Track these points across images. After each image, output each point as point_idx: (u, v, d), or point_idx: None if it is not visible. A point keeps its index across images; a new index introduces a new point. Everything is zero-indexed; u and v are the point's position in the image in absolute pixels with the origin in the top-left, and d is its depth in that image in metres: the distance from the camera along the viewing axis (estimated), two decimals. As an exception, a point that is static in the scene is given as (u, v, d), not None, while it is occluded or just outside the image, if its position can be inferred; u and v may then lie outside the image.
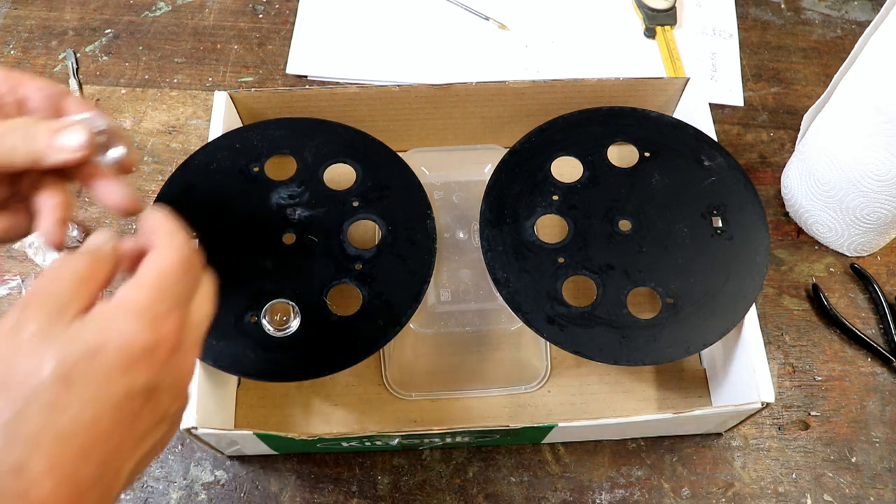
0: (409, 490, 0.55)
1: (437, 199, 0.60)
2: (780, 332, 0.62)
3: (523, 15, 0.80)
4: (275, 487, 0.54)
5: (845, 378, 0.60)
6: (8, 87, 0.40)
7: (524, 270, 0.52)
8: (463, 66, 0.76)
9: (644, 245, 0.53)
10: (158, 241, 0.35)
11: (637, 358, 0.49)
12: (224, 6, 0.80)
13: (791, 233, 0.67)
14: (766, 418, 0.58)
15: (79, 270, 0.33)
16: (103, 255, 0.34)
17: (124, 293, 0.32)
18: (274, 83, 0.75)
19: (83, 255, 0.34)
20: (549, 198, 0.55)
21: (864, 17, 0.81)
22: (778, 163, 0.70)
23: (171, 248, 0.35)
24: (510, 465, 0.56)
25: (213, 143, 0.55)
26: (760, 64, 0.77)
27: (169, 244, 0.35)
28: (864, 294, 0.64)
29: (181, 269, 0.34)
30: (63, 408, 0.29)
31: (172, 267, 0.34)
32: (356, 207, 0.54)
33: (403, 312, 0.50)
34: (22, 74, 0.41)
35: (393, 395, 0.58)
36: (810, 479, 0.56)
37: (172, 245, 0.35)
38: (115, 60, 0.76)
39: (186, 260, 0.35)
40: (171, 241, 0.35)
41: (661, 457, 0.56)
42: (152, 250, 0.35)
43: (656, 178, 0.56)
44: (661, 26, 0.78)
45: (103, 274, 0.34)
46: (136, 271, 0.34)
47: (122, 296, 0.32)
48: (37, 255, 0.62)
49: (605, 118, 0.58)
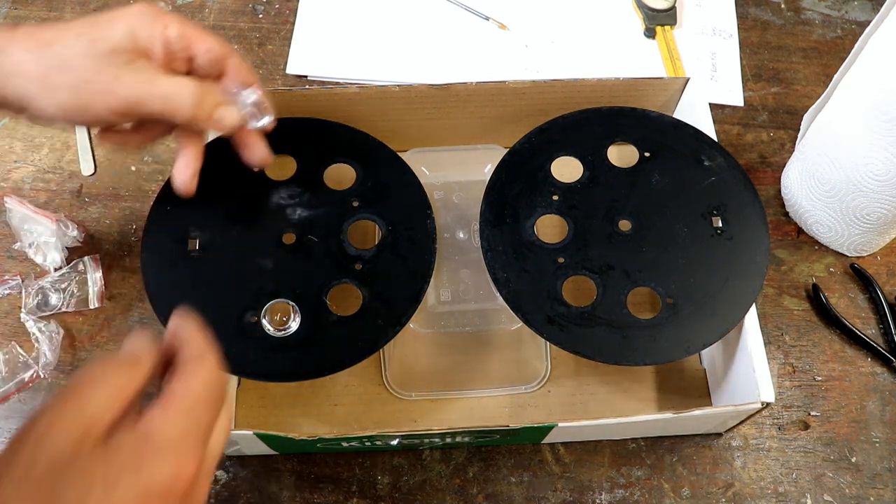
0: (409, 490, 0.55)
1: (437, 199, 0.60)
2: (780, 332, 0.62)
3: (523, 15, 0.80)
4: (275, 487, 0.54)
5: (845, 378, 0.60)
6: (182, 45, 0.47)
7: (524, 270, 0.52)
8: (463, 66, 0.76)
9: (644, 245, 0.53)
10: (189, 364, 0.34)
11: (637, 358, 0.49)
12: (224, 6, 0.80)
13: (791, 233, 0.67)
14: (766, 418, 0.58)
15: (116, 384, 0.32)
16: (141, 367, 0.34)
17: (153, 423, 0.32)
18: (274, 83, 0.75)
19: (122, 366, 0.33)
20: (549, 198, 0.55)
21: (864, 17, 0.81)
22: (778, 163, 0.70)
23: (201, 375, 0.34)
24: (510, 465, 0.56)
25: (214, 143, 0.55)
26: (760, 64, 0.77)
27: (199, 370, 0.34)
28: (864, 294, 0.64)
29: (209, 399, 0.34)
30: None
31: (201, 396, 0.33)
32: (356, 207, 0.54)
33: (403, 312, 0.50)
34: (195, 32, 0.47)
35: (393, 395, 0.58)
36: (810, 479, 0.56)
37: (202, 371, 0.34)
38: (115, 60, 0.76)
39: (215, 388, 0.34)
40: (202, 367, 0.34)
41: (661, 457, 0.56)
42: (183, 372, 0.34)
43: (656, 178, 0.56)
44: (661, 26, 0.78)
45: (138, 385, 0.33)
46: (163, 385, 0.34)
47: (151, 426, 0.32)
48: (37, 255, 0.62)
49: (605, 118, 0.58)
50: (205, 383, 0.34)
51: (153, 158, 0.69)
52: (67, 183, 0.68)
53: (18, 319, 0.60)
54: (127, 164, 0.69)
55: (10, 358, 0.58)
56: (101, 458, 0.30)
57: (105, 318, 0.61)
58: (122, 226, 0.66)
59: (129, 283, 0.62)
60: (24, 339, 0.60)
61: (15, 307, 0.61)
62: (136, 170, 0.69)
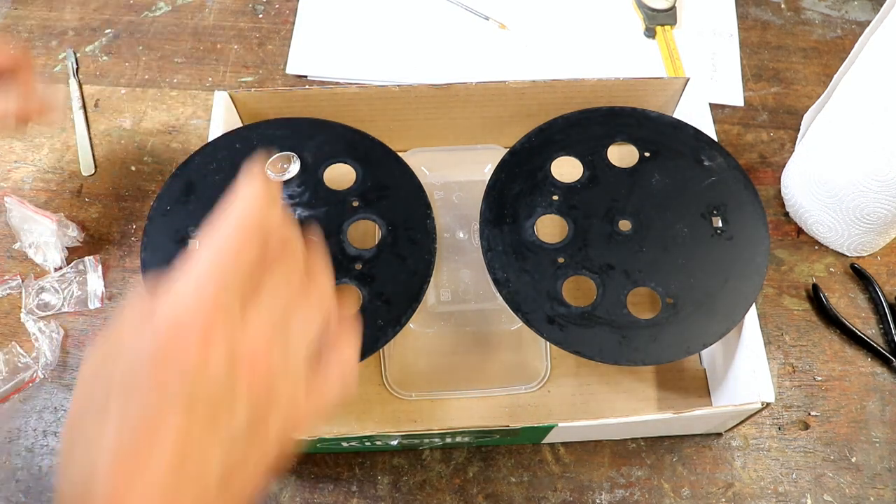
0: (409, 490, 0.55)
1: (437, 199, 0.60)
2: (780, 332, 0.62)
3: (523, 15, 0.80)
4: (275, 487, 0.54)
5: (845, 378, 0.60)
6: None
7: (524, 270, 0.52)
8: (463, 66, 0.76)
9: (644, 245, 0.53)
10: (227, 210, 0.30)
11: (637, 358, 0.49)
12: (224, 6, 0.80)
13: (791, 233, 0.67)
14: (766, 418, 0.58)
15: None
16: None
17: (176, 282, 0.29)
18: (274, 83, 0.75)
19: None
20: (549, 198, 0.55)
21: (864, 17, 0.81)
22: (778, 163, 0.70)
23: (226, 215, 0.30)
24: (510, 465, 0.56)
25: (213, 143, 0.55)
26: (760, 64, 0.77)
27: (229, 208, 0.31)
28: (864, 294, 0.64)
29: (230, 239, 0.30)
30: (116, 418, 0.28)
31: (222, 236, 0.30)
32: (356, 207, 0.54)
33: (403, 312, 0.50)
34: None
35: (393, 395, 0.58)
36: (810, 479, 0.56)
37: (229, 211, 0.30)
38: (114, 60, 0.76)
39: (235, 230, 0.30)
40: (231, 206, 0.31)
41: (661, 457, 0.56)
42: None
43: (656, 178, 0.56)
44: (661, 26, 0.78)
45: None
46: None
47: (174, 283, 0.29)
48: (37, 255, 0.62)
49: (605, 118, 0.58)
50: (225, 225, 0.30)
51: (153, 158, 0.69)
52: (67, 183, 0.68)
53: (18, 319, 0.60)
54: (127, 164, 0.69)
55: (10, 358, 0.58)
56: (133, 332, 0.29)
57: (105, 318, 0.61)
58: (122, 226, 0.66)
59: (129, 283, 0.62)
60: (24, 339, 0.60)
61: (15, 307, 0.61)
62: (136, 170, 0.69)
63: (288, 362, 0.32)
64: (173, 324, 0.29)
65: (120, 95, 0.73)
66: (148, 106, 0.73)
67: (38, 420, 0.57)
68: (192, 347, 0.28)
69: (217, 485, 0.29)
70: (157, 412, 0.28)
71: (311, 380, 0.33)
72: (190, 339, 0.28)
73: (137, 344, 0.29)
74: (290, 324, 0.32)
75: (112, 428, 0.28)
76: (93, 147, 0.70)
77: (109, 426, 0.28)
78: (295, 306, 0.32)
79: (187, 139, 0.71)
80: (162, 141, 0.71)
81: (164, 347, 0.28)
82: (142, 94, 0.73)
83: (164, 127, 0.71)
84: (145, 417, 0.28)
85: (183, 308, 0.29)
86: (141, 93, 0.73)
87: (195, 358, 0.28)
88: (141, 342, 0.29)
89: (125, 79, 0.74)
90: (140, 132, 0.71)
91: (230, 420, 0.29)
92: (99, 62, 0.76)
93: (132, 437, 0.27)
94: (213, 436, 0.29)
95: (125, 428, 0.28)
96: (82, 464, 0.28)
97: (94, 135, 0.71)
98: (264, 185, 0.32)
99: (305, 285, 0.33)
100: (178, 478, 0.28)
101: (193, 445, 0.28)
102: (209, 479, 0.29)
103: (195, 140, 0.70)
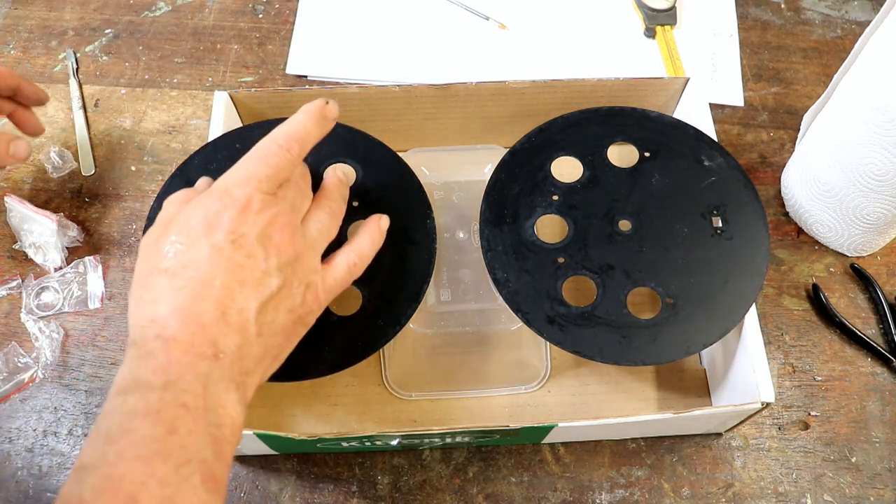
0: (409, 490, 0.55)
1: (437, 199, 0.60)
2: (780, 332, 0.62)
3: (523, 15, 0.80)
4: (275, 487, 0.54)
5: (845, 378, 0.60)
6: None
7: (524, 270, 0.52)
8: (463, 66, 0.76)
9: (644, 245, 0.53)
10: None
11: (637, 358, 0.49)
12: (224, 6, 0.80)
13: (791, 233, 0.67)
14: (766, 418, 0.58)
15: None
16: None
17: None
18: (274, 83, 0.75)
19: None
20: (549, 198, 0.55)
21: (864, 17, 0.81)
22: (778, 163, 0.70)
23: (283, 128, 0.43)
24: (510, 465, 0.56)
25: (213, 143, 0.55)
26: (760, 64, 0.77)
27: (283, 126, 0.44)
28: (864, 294, 0.64)
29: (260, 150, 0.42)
30: (174, 270, 0.38)
31: (254, 151, 0.42)
32: (356, 207, 0.54)
33: (403, 312, 0.50)
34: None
35: (393, 395, 0.58)
36: (810, 479, 0.56)
37: (285, 125, 0.44)
38: (114, 60, 0.76)
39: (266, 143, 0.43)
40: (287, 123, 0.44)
41: (661, 457, 0.56)
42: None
43: (656, 178, 0.56)
44: (661, 26, 0.78)
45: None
46: None
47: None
48: (37, 255, 0.62)
49: (605, 118, 0.58)
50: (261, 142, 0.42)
51: (153, 158, 0.69)
52: (67, 183, 0.68)
53: (18, 319, 0.60)
54: (127, 164, 0.69)
55: (10, 358, 0.58)
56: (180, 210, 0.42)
57: (105, 318, 0.61)
58: (122, 226, 0.66)
59: (129, 283, 0.62)
60: (24, 339, 0.60)
61: (15, 307, 0.61)
62: (136, 170, 0.69)
63: (307, 242, 0.43)
64: (223, 192, 0.40)
65: (120, 95, 0.73)
66: (148, 106, 0.73)
67: (38, 420, 0.57)
68: (235, 210, 0.39)
69: (256, 332, 0.39)
70: (205, 273, 0.38)
71: (325, 263, 0.44)
72: (235, 205, 0.39)
73: (189, 212, 0.40)
74: (308, 221, 0.44)
75: (172, 284, 0.38)
76: (93, 147, 0.70)
77: (170, 283, 0.38)
78: (312, 210, 0.45)
79: (187, 139, 0.71)
80: (162, 141, 0.71)
81: (213, 210, 0.39)
82: (142, 94, 0.73)
83: (163, 127, 0.71)
84: (195, 277, 0.38)
85: (234, 182, 0.40)
86: (141, 93, 0.73)
87: (237, 217, 0.39)
88: (194, 210, 0.39)
89: (125, 79, 0.74)
90: (140, 132, 0.71)
91: (262, 279, 0.39)
92: (99, 62, 0.76)
93: (189, 292, 0.37)
94: (250, 291, 0.39)
95: (180, 286, 0.38)
96: (148, 312, 0.38)
97: (94, 135, 0.71)
98: (316, 118, 0.44)
99: (319, 199, 0.46)
100: (223, 324, 0.38)
101: (233, 300, 0.38)
102: (248, 326, 0.38)
103: (195, 140, 0.70)
